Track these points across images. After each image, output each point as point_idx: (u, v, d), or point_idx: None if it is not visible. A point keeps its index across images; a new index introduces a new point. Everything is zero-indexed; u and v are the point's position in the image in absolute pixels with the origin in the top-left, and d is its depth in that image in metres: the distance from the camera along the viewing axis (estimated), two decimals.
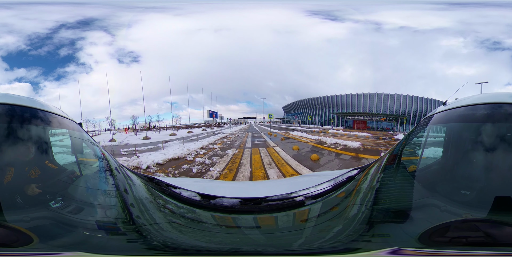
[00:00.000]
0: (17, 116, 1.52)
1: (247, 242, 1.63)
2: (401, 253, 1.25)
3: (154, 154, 11.68)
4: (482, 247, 1.21)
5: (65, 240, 1.32)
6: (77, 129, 2.02)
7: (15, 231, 1.23)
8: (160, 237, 1.55)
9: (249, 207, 1.87)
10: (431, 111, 2.03)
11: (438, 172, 1.83)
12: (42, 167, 1.63)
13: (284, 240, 1.63)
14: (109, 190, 1.80)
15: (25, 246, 1.21)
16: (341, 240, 1.50)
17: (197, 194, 1.97)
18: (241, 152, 13.16)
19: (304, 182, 2.48)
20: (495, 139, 1.47)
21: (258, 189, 2.55)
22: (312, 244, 1.57)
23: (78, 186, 1.75)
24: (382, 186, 1.80)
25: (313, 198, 1.92)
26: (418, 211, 1.55)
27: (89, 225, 1.48)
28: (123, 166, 2.20)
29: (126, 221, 1.63)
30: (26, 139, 1.52)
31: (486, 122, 1.54)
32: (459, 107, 1.72)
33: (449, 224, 1.32)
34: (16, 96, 1.63)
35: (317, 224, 1.75)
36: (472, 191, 1.46)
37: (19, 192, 1.41)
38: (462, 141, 1.71)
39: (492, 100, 1.60)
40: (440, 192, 1.55)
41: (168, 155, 11.33)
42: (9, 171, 1.43)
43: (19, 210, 1.36)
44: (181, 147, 13.41)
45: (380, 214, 1.62)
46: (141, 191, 2.03)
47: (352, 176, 2.14)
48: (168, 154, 11.58)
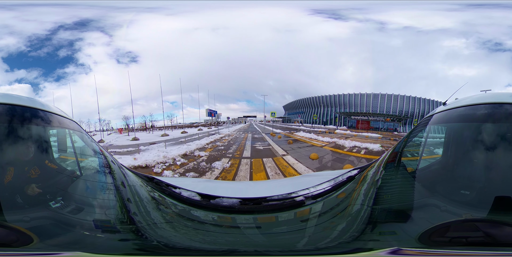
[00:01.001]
0: (18, 116, 1.52)
1: (247, 242, 1.63)
2: (401, 253, 1.25)
3: (124, 158, 10.32)
4: (482, 247, 1.21)
5: (65, 240, 1.32)
6: (77, 129, 2.02)
7: (15, 231, 1.23)
8: (160, 237, 1.55)
9: (249, 207, 1.88)
10: (431, 111, 2.03)
11: (438, 172, 1.83)
12: (42, 166, 1.63)
13: (284, 240, 1.63)
14: (109, 190, 1.80)
15: (25, 246, 1.21)
16: (341, 240, 1.50)
17: (197, 194, 1.98)
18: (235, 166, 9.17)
19: (304, 182, 2.48)
20: (495, 139, 1.47)
21: (258, 189, 2.55)
22: (313, 244, 1.57)
23: (78, 186, 1.75)
24: (382, 186, 1.80)
25: (313, 198, 1.92)
26: (418, 211, 1.55)
27: (89, 225, 1.48)
28: (124, 166, 2.21)
29: (126, 221, 1.63)
30: (26, 139, 1.53)
31: (486, 122, 1.54)
32: (459, 107, 1.72)
33: (449, 224, 1.32)
34: (16, 96, 1.63)
35: (317, 224, 1.75)
36: (472, 191, 1.46)
37: (19, 192, 1.41)
38: (462, 140, 1.71)
39: (492, 100, 1.60)
40: (440, 192, 1.55)
41: (138, 161, 9.88)
42: (9, 171, 1.43)
43: (19, 210, 1.36)
44: (160, 152, 11.38)
45: (380, 214, 1.62)
46: (141, 191, 2.03)
47: (352, 176, 2.14)
48: (139, 159, 10.04)
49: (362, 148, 12.37)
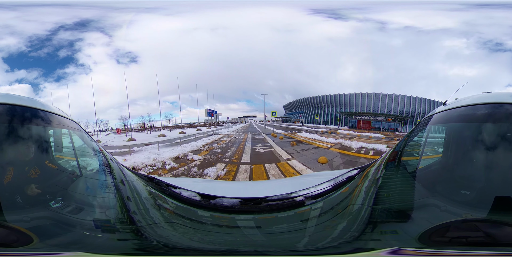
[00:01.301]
0: (18, 116, 1.53)
1: (247, 242, 1.63)
2: (401, 253, 1.25)
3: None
4: (482, 247, 1.21)
5: (65, 240, 1.33)
6: (78, 129, 2.02)
7: (15, 231, 1.23)
8: (160, 237, 1.55)
9: (249, 207, 1.87)
10: (431, 111, 2.03)
11: (438, 172, 1.83)
12: (42, 166, 1.63)
13: (284, 240, 1.63)
14: (109, 190, 1.80)
15: (25, 246, 1.21)
16: (341, 240, 1.50)
17: (197, 194, 1.97)
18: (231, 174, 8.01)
19: (304, 182, 2.48)
20: (495, 139, 1.47)
21: (258, 189, 2.55)
22: (313, 244, 1.57)
23: (78, 186, 1.75)
24: (382, 186, 1.80)
25: (313, 198, 1.92)
26: (418, 210, 1.55)
27: (89, 225, 1.48)
28: (124, 166, 2.21)
29: (126, 221, 1.63)
30: (27, 139, 1.53)
31: (486, 122, 1.54)
32: (459, 107, 1.72)
33: (449, 224, 1.32)
34: (16, 96, 1.63)
35: (317, 224, 1.75)
36: (472, 191, 1.45)
37: (19, 192, 1.41)
38: (462, 140, 1.71)
39: (492, 100, 1.60)
40: (440, 192, 1.55)
41: (127, 162, 9.36)
42: (9, 171, 1.43)
43: (19, 210, 1.36)
44: (152, 154, 10.76)
45: (380, 214, 1.62)
46: (141, 191, 2.03)
47: (352, 176, 2.14)
48: (129, 161, 9.54)
49: (370, 149, 11.93)
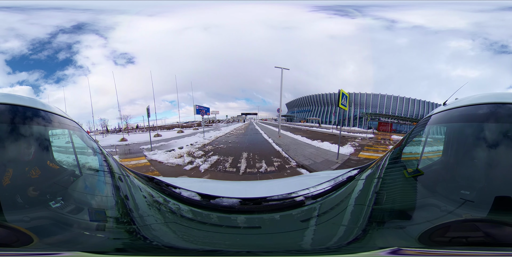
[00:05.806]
0: (19, 116, 1.53)
1: (247, 242, 1.63)
2: (401, 253, 1.25)
3: None
4: (482, 247, 1.21)
5: (65, 240, 1.33)
6: (78, 129, 2.02)
7: (15, 231, 1.23)
8: (161, 237, 1.55)
9: (249, 207, 1.87)
10: (431, 111, 2.03)
11: (438, 172, 1.83)
12: (43, 166, 1.64)
13: (284, 240, 1.63)
14: (109, 190, 1.81)
15: (25, 246, 1.21)
16: (341, 240, 1.50)
17: (197, 194, 1.98)
18: None
19: (304, 182, 2.48)
20: (495, 139, 1.47)
21: (258, 189, 2.55)
22: (313, 244, 1.57)
23: (78, 186, 1.75)
24: (382, 186, 1.80)
25: (313, 198, 1.92)
26: (418, 210, 1.55)
27: (89, 225, 1.48)
28: (124, 166, 2.21)
29: (126, 221, 1.63)
30: (28, 139, 1.53)
31: (486, 122, 1.54)
32: (459, 107, 1.72)
33: (449, 224, 1.32)
34: (17, 96, 1.63)
35: (317, 224, 1.74)
36: (472, 191, 1.45)
37: (19, 192, 1.41)
38: (462, 140, 1.71)
39: (492, 100, 1.60)
40: (440, 192, 1.55)
41: None
42: (9, 171, 1.43)
43: (19, 210, 1.36)
44: None
45: (380, 214, 1.62)
46: (141, 191, 2.03)
47: (352, 176, 2.14)
48: None
49: None
